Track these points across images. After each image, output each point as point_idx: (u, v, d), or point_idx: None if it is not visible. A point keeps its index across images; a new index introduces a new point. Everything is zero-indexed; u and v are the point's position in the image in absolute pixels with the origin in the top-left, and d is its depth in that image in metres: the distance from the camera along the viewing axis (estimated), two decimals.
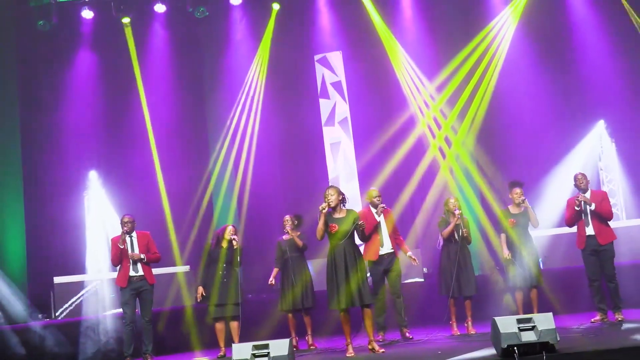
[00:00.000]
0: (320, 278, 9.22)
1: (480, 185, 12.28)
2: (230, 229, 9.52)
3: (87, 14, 12.76)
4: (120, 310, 9.47)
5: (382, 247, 9.19)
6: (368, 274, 9.13)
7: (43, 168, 12.69)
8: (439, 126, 12.85)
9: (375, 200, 9.20)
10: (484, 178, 12.29)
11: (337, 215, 8.07)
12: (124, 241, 9.14)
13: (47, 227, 12.60)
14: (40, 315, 11.13)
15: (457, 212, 9.20)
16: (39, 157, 12.74)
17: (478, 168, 12.47)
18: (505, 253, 9.33)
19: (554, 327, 6.71)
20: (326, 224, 7.95)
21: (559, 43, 12.74)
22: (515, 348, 6.63)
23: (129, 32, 12.85)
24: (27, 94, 12.78)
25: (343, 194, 8.18)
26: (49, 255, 12.41)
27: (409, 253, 9.38)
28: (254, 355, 6.97)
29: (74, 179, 12.66)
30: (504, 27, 12.77)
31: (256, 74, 13.31)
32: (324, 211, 7.91)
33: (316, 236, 8.04)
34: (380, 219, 9.23)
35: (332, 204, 8.01)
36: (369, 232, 9.06)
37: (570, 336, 7.82)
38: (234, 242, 9.33)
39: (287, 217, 9.73)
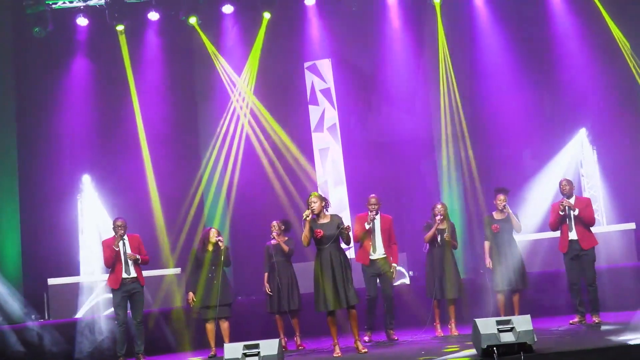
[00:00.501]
0: (307, 281, 9.43)
1: (465, 191, 12.50)
2: (214, 231, 9.65)
3: (82, 21, 12.79)
4: (112, 311, 9.63)
5: (373, 252, 9.30)
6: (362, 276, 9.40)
7: (38, 172, 12.74)
8: (426, 132, 13.09)
9: (370, 206, 9.31)
10: (469, 184, 12.52)
11: (321, 221, 8.24)
12: (118, 244, 9.30)
13: (41, 229, 12.65)
14: (33, 316, 11.19)
15: (438, 217, 9.41)
16: (34, 161, 12.78)
17: (463, 174, 12.66)
18: (487, 262, 9.57)
19: (531, 328, 6.87)
20: (311, 230, 8.13)
21: (541, 52, 12.93)
22: (494, 348, 6.78)
23: (122, 40, 12.91)
24: (23, 99, 12.81)
25: (326, 200, 8.35)
26: (43, 257, 12.45)
27: (394, 264, 9.47)
28: (245, 355, 7.10)
29: (68, 182, 12.71)
30: (487, 35, 13.03)
31: (247, 81, 13.39)
32: (308, 218, 8.10)
33: (302, 243, 8.23)
34: (375, 225, 9.34)
35: (316, 211, 8.19)
36: (361, 236, 9.31)
37: (548, 337, 8.03)
38: (220, 243, 9.50)
39: (274, 223, 9.90)
